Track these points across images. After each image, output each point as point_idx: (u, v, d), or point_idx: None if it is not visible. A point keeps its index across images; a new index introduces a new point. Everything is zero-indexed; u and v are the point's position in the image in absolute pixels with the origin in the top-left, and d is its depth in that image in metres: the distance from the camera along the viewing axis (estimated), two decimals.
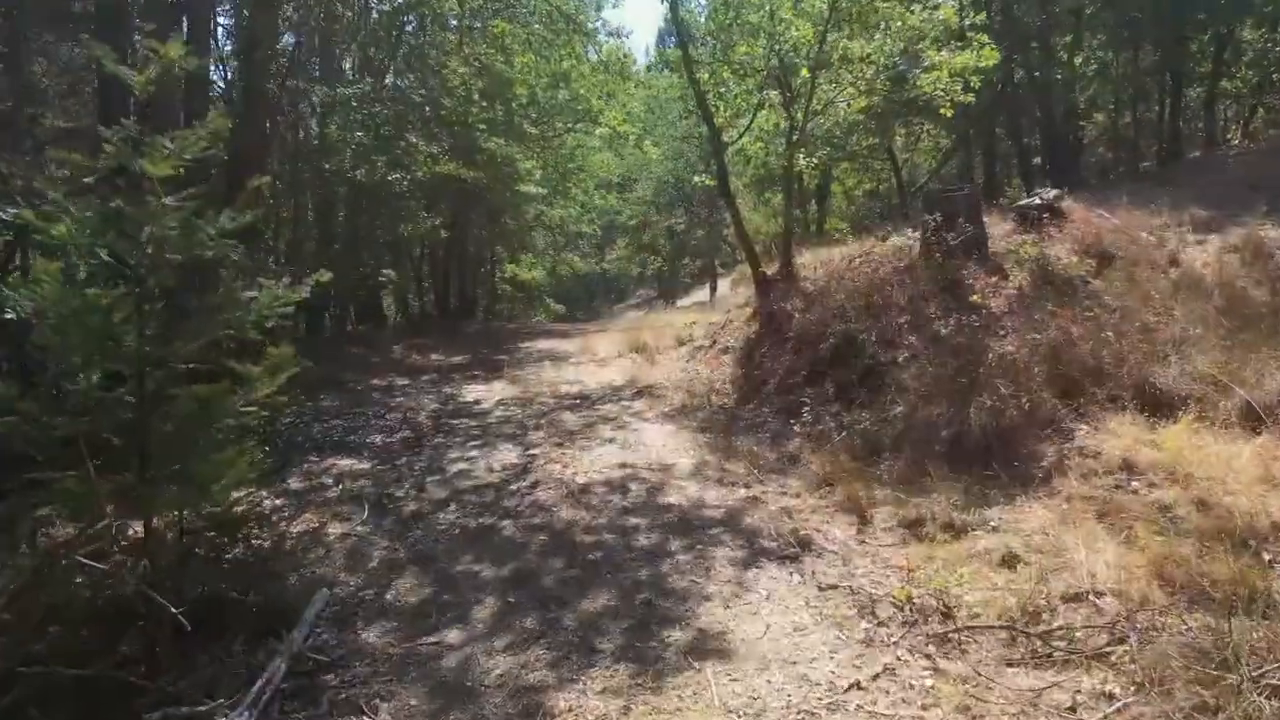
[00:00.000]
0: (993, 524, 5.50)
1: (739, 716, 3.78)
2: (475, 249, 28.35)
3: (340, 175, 13.43)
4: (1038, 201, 10.51)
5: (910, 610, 4.59)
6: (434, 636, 4.76)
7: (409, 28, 16.88)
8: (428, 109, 15.96)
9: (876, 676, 4.01)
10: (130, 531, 4.85)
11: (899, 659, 4.15)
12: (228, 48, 15.51)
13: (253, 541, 5.58)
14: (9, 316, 4.11)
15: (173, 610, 3.66)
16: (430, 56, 16.34)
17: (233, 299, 4.11)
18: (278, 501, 7.05)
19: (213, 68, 15.58)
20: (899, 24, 10.62)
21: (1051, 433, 6.48)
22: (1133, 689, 3.68)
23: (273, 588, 5.33)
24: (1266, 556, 4.59)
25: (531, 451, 8.01)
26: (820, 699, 3.87)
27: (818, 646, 4.34)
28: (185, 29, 11.42)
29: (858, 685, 3.94)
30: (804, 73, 10.78)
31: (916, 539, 5.52)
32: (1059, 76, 18.62)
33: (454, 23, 16.75)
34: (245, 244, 10.50)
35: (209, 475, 3.79)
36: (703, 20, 13.75)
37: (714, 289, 29.64)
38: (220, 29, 15.31)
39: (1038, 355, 7.12)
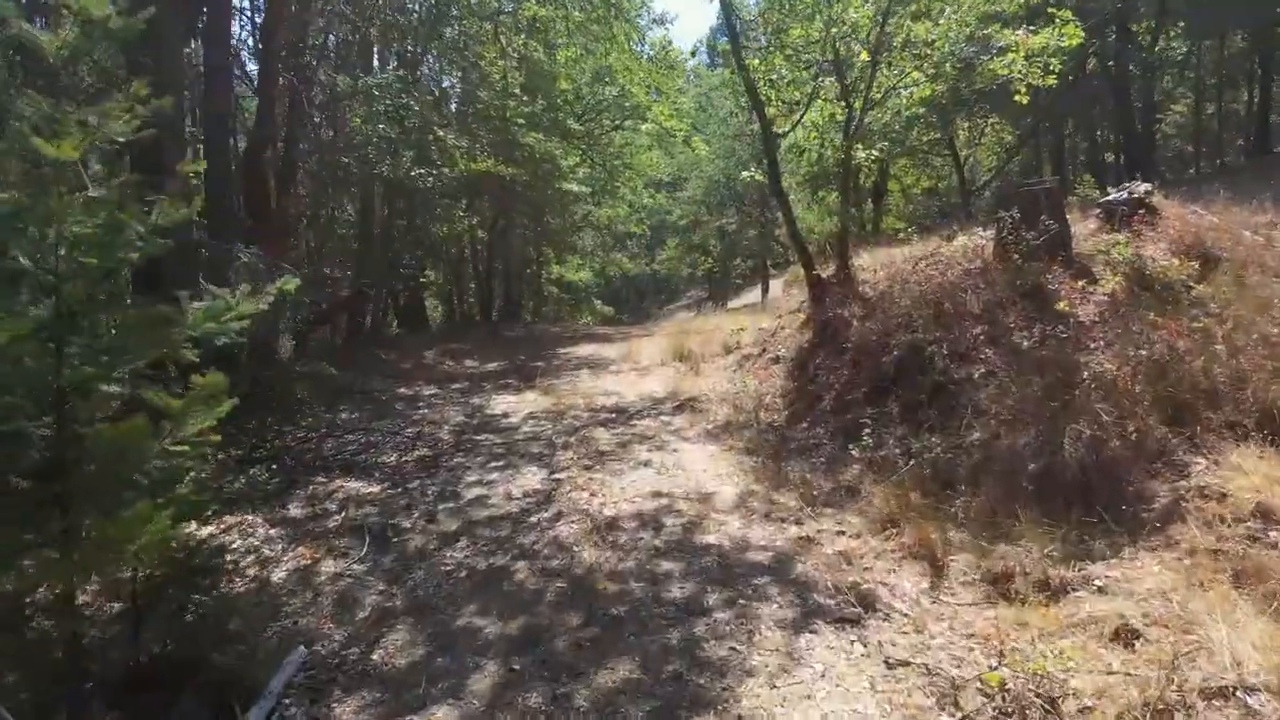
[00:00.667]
0: (1098, 583, 4.54)
1: None
2: (520, 249, 27.82)
3: (366, 171, 12.76)
4: (1125, 196, 9.43)
5: (1004, 700, 3.67)
6: (420, 715, 3.96)
7: (453, 18, 16.22)
8: (464, 103, 15.26)
9: None
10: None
11: None
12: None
13: (219, 590, 4.86)
14: None
15: None
16: (466, 48, 15.63)
17: (161, 311, 3.35)
18: (272, 532, 6.35)
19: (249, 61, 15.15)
20: (969, 2, 9.64)
21: (1162, 467, 5.48)
22: None
23: (244, 645, 4.61)
24: None
25: (557, 475, 7.20)
26: None
27: None
28: (204, 18, 10.81)
29: None
30: (864, 56, 9.84)
31: (1004, 599, 4.58)
32: (1134, 66, 17.33)
33: (500, 12, 16.07)
34: (255, 243, 9.93)
35: (120, 534, 3.02)
36: (753, 3, 12.85)
37: (765, 290, 28.70)
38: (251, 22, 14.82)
39: (1140, 374, 6.11)
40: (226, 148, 10.87)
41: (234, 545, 6.09)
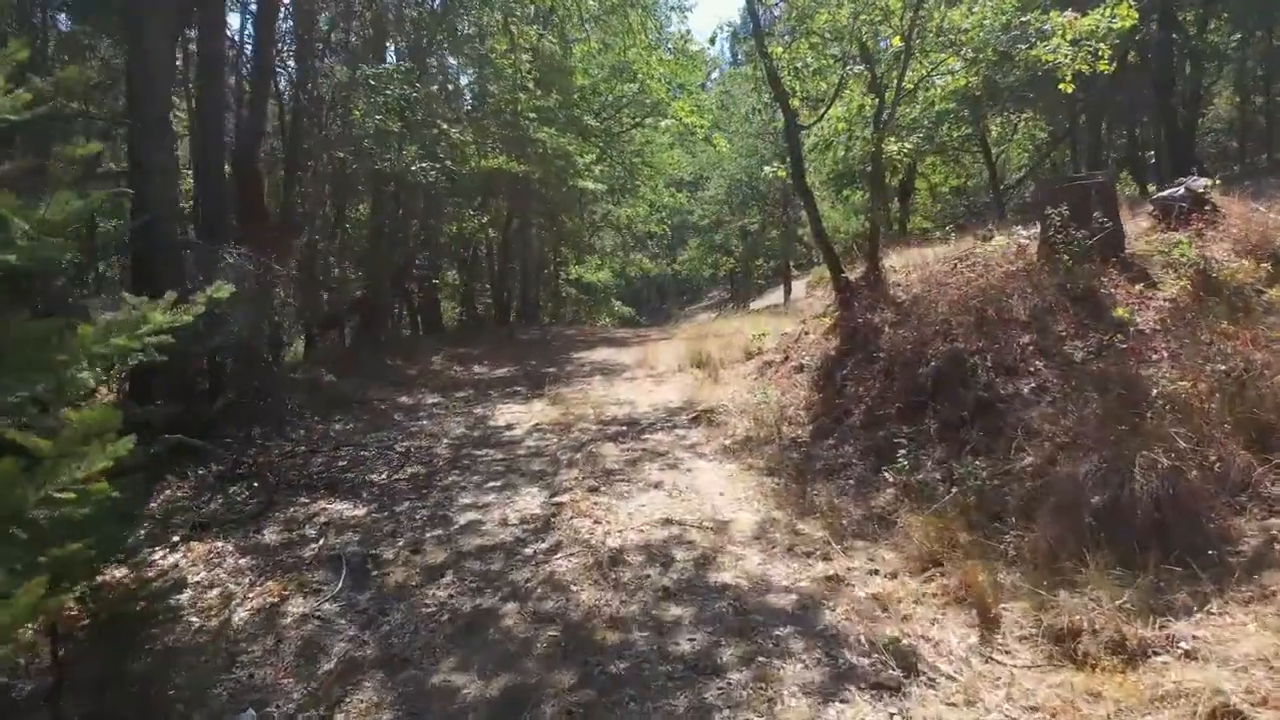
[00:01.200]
0: (1184, 645, 3.84)
1: None
2: (538, 250, 27.29)
3: (367, 166, 12.11)
4: (1182, 192, 8.68)
5: None
6: None
7: (462, 9, 15.60)
8: (477, 99, 14.65)
9: None
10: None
11: None
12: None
13: (166, 639, 4.27)
14: None
15: None
16: (479, 40, 15.01)
17: (47, 327, 2.72)
18: (242, 561, 5.74)
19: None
20: None
21: (1248, 501, 4.76)
22: None
23: (184, 705, 4.02)
24: None
25: (558, 499, 6.54)
26: None
27: None
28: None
29: None
30: (896, 41, 9.13)
31: (1071, 661, 3.89)
32: (1176, 57, 16.47)
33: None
34: (247, 244, 9.36)
35: None
36: None
37: (788, 291, 27.99)
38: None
39: (1216, 391, 5.38)
40: (222, 143, 10.32)
41: (198, 578, 5.50)
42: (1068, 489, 5.00)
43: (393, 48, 17.09)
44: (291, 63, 14.53)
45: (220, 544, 6.04)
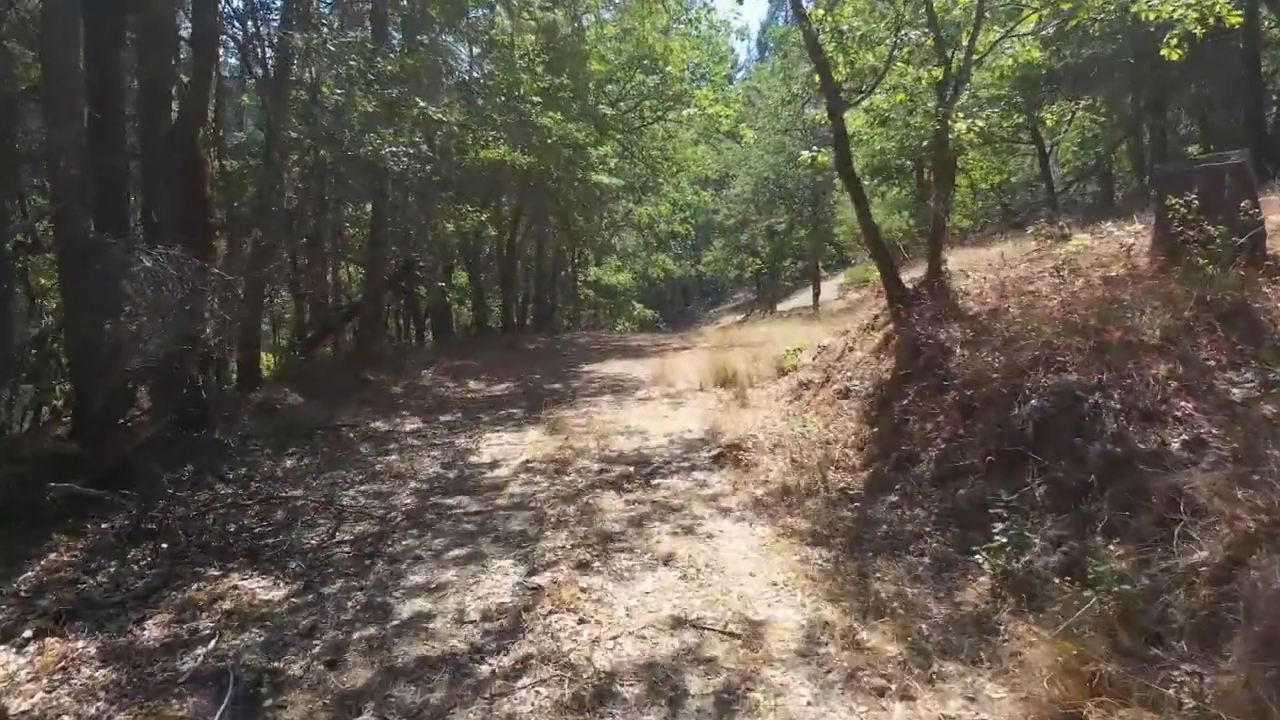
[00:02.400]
0: None
1: None
2: (556, 250, 25.93)
3: (338, 151, 10.51)
4: None
5: None
6: None
7: None
8: (475, 77, 13.12)
9: None
10: None
11: None
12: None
13: None
14: None
15: None
16: (480, 20, 13.51)
17: None
18: (99, 674, 4.22)
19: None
20: None
21: None
22: None
23: None
24: None
25: (537, 578, 4.96)
26: None
27: None
28: None
29: None
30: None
31: None
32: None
33: None
34: (176, 243, 7.88)
35: None
36: None
37: (817, 293, 26.40)
38: None
39: None
40: (166, 123, 8.85)
41: (29, 704, 3.98)
42: (1267, 603, 3.34)
43: (398, 36, 15.70)
44: (272, 38, 13.14)
45: (83, 643, 4.54)
